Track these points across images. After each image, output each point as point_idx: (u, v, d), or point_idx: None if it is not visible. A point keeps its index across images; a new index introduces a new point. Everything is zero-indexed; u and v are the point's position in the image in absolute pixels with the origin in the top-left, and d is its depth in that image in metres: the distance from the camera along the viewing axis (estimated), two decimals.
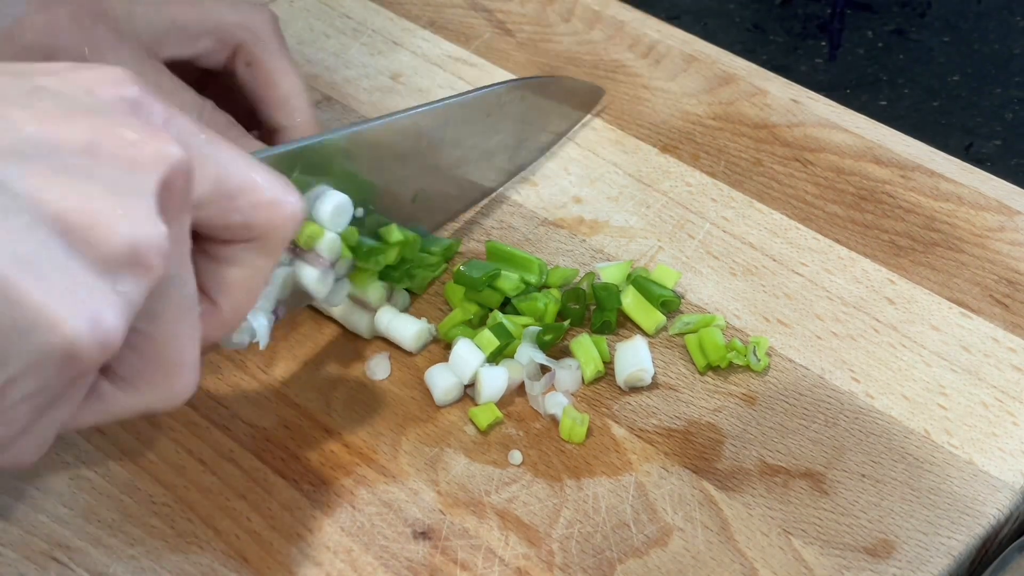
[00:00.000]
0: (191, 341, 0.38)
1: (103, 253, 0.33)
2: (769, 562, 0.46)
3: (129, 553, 0.46)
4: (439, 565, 0.46)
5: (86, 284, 0.33)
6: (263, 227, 0.40)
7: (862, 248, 0.58)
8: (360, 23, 0.71)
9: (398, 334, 0.53)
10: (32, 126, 0.33)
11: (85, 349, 0.33)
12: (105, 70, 0.37)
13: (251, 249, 0.40)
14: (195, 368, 0.39)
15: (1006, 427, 0.51)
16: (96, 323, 0.33)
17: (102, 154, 0.34)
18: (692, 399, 0.52)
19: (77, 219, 0.33)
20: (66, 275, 0.33)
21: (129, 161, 0.34)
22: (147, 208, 0.34)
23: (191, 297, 0.38)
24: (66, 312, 0.32)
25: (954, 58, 0.95)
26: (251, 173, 0.39)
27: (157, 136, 0.35)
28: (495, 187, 0.61)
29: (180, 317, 0.38)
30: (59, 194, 0.33)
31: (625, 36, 0.70)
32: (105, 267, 0.33)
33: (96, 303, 0.33)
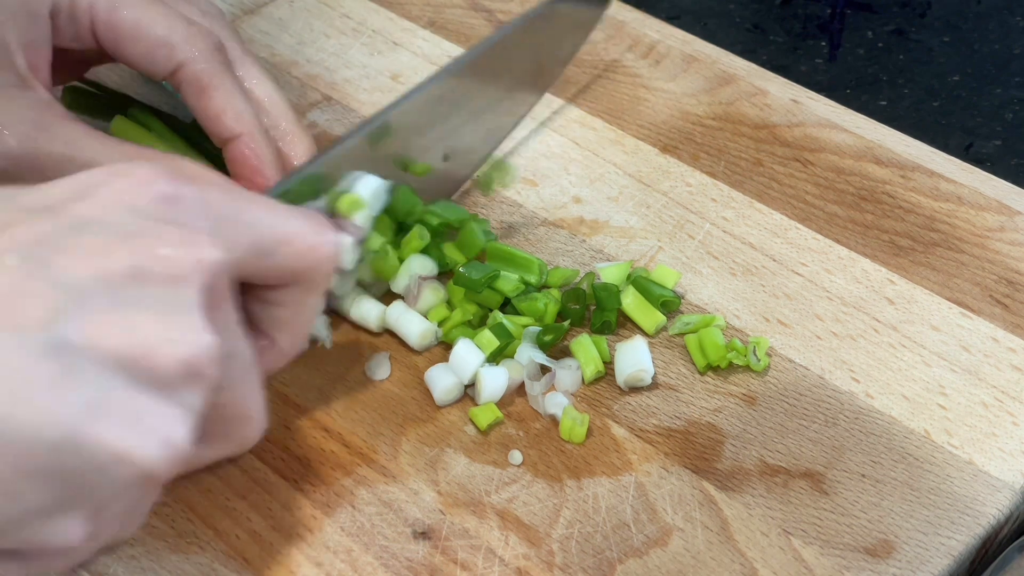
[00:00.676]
0: (255, 395, 0.41)
1: (162, 376, 0.35)
2: (769, 562, 0.46)
3: (129, 553, 0.46)
4: (439, 565, 0.46)
5: (150, 409, 0.35)
6: (305, 272, 0.42)
7: (862, 248, 0.58)
8: (360, 23, 0.71)
9: (405, 330, 0.53)
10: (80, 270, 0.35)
11: (160, 468, 0.36)
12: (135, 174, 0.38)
13: (297, 290, 0.43)
14: (262, 414, 0.42)
15: (1006, 427, 0.51)
16: (165, 442, 0.35)
17: (145, 278, 0.36)
18: (692, 399, 0.52)
19: (133, 352, 0.35)
20: (131, 407, 0.35)
21: (171, 279, 0.36)
22: (195, 321, 0.36)
23: (248, 363, 0.41)
24: (137, 443, 0.35)
25: (954, 58, 0.95)
26: (284, 226, 0.42)
27: (193, 243, 0.37)
28: (526, 112, 0.63)
29: (242, 382, 0.41)
30: (113, 333, 0.35)
31: (625, 36, 0.70)
32: (165, 387, 0.36)
33: (162, 425, 0.35)
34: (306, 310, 0.44)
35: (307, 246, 0.42)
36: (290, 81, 0.67)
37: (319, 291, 0.44)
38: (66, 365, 0.33)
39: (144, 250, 0.36)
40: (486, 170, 0.60)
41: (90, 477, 0.35)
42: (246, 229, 0.40)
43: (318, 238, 0.43)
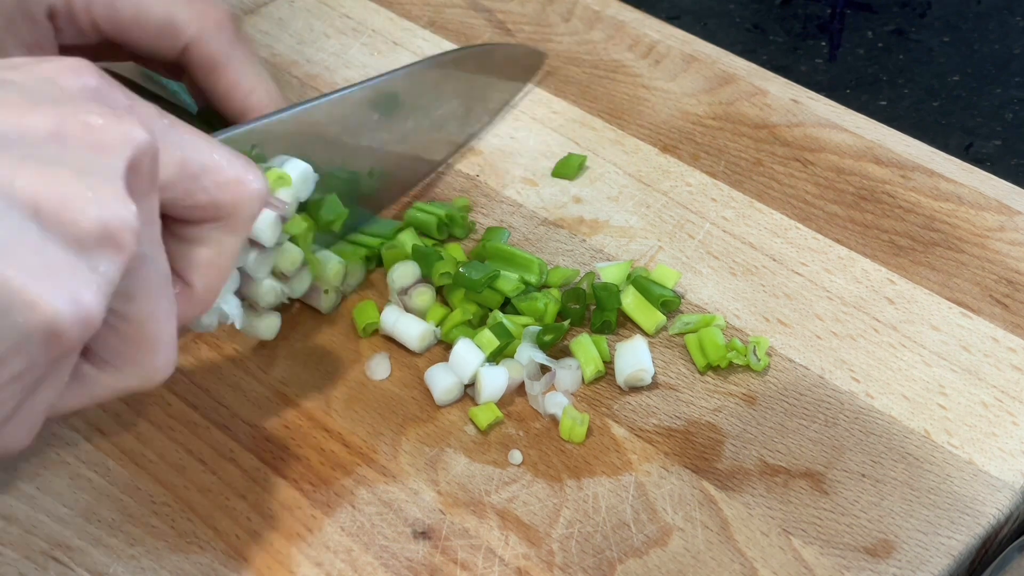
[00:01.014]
0: (168, 319, 0.39)
1: (77, 234, 0.34)
2: (769, 562, 0.46)
3: (129, 553, 0.46)
4: (439, 565, 0.46)
5: (63, 264, 0.34)
6: (228, 205, 0.41)
7: (862, 248, 0.58)
8: (360, 23, 0.71)
9: (404, 333, 0.53)
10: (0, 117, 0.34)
11: (67, 327, 0.34)
12: (66, 61, 0.38)
13: (219, 228, 0.42)
14: (173, 346, 0.40)
15: (1006, 427, 0.51)
16: (76, 301, 0.34)
17: (69, 140, 0.35)
18: (692, 399, 0.52)
19: (49, 202, 0.34)
20: (43, 256, 0.34)
21: (95, 145, 0.35)
22: (116, 189, 0.35)
23: (164, 276, 0.39)
24: (46, 291, 0.34)
25: (954, 58, 0.95)
26: (213, 153, 0.41)
27: (122, 120, 0.36)
28: (446, 158, 0.62)
29: (155, 296, 0.39)
30: (30, 179, 0.34)
31: (625, 36, 0.70)
32: (80, 247, 0.34)
33: (74, 282, 0.34)
34: (226, 253, 0.42)
35: (233, 177, 0.41)
36: (290, 81, 0.67)
37: (240, 233, 0.42)
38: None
39: (71, 115, 0.36)
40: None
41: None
42: (175, 145, 0.39)
43: (246, 173, 0.41)
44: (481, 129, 0.64)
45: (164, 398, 0.51)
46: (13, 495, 0.48)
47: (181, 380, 0.52)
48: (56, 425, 0.50)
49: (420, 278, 0.55)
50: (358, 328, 0.54)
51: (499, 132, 0.64)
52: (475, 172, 0.62)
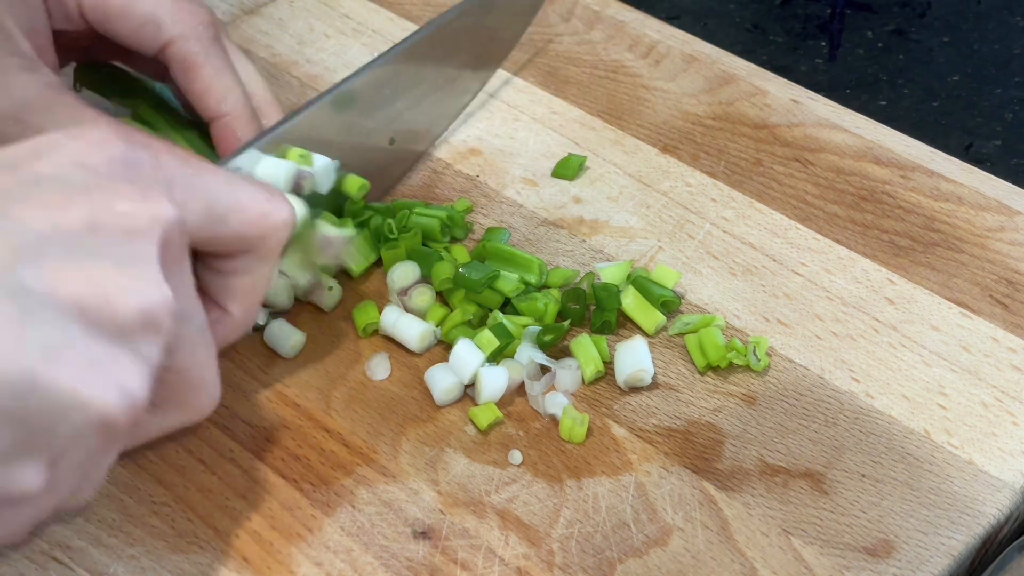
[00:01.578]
0: (209, 362, 0.42)
1: (118, 325, 0.36)
2: (769, 562, 0.46)
3: (129, 553, 0.46)
4: (439, 565, 0.46)
5: (108, 358, 0.36)
6: (256, 239, 0.43)
7: (862, 248, 0.58)
8: (360, 23, 0.71)
9: (404, 333, 0.53)
10: (37, 221, 0.36)
11: (117, 415, 0.36)
12: (90, 135, 0.39)
13: (250, 259, 0.43)
14: (216, 383, 0.42)
15: (1006, 427, 0.51)
16: (123, 390, 0.36)
17: (102, 230, 0.36)
18: (692, 399, 0.52)
19: (90, 300, 0.35)
20: (89, 354, 0.35)
21: (128, 232, 0.37)
22: (151, 273, 0.37)
23: (202, 327, 0.41)
24: (95, 389, 0.35)
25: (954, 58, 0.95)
26: (237, 193, 0.42)
27: (149, 199, 0.38)
28: (468, 102, 0.64)
29: (196, 346, 0.41)
30: (72, 281, 0.35)
31: (625, 36, 0.70)
32: (122, 336, 0.36)
33: (119, 373, 0.36)
34: (259, 279, 0.44)
35: (259, 212, 0.42)
36: (290, 81, 0.67)
37: (271, 260, 0.44)
38: (25, 309, 0.34)
39: (101, 204, 0.37)
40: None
41: (48, 421, 0.35)
42: (200, 193, 0.41)
43: (270, 205, 0.43)
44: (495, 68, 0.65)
45: None
46: None
47: None
48: None
49: (420, 278, 0.55)
50: (358, 328, 0.54)
51: (499, 132, 0.64)
52: (475, 172, 0.62)
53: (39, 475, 0.36)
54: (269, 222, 0.43)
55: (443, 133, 0.64)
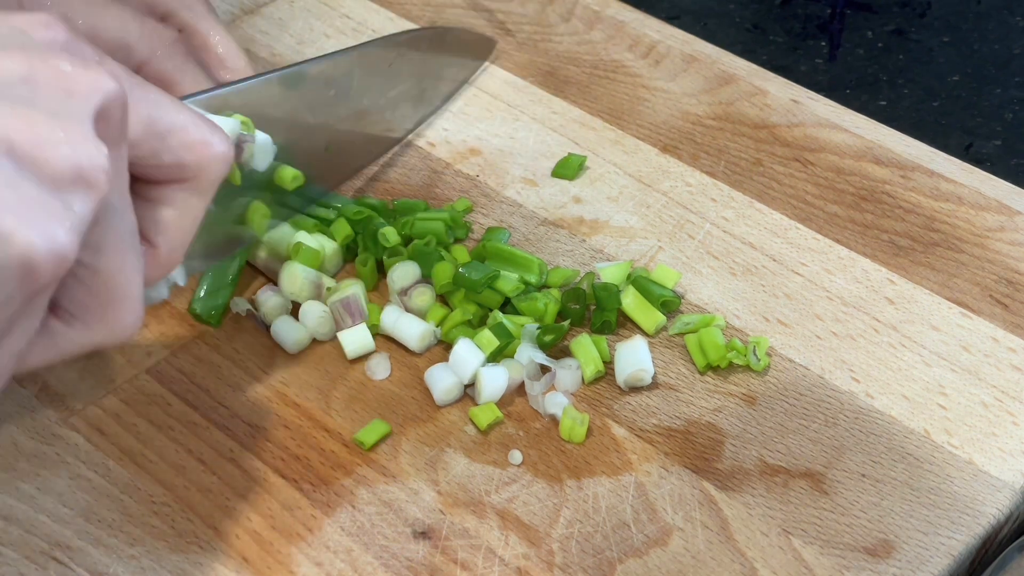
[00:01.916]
0: (135, 275, 0.40)
1: (51, 172, 0.35)
2: (769, 562, 0.46)
3: (129, 553, 0.46)
4: (439, 565, 0.46)
5: (38, 201, 0.35)
6: (194, 166, 0.42)
7: (862, 248, 0.58)
8: (360, 23, 0.71)
9: (404, 333, 0.53)
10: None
11: (41, 261, 0.35)
12: (36, 15, 0.38)
13: (184, 189, 0.42)
14: (139, 303, 0.41)
15: (1006, 427, 0.51)
16: (50, 237, 0.35)
17: (40, 84, 0.36)
18: (692, 399, 0.52)
19: (23, 142, 0.35)
20: (17, 193, 0.35)
21: (66, 90, 0.36)
22: (87, 131, 0.36)
23: (132, 231, 0.40)
24: (21, 226, 0.34)
25: (954, 58, 0.95)
26: (180, 114, 0.42)
27: (91, 69, 0.37)
28: (402, 136, 0.63)
29: (123, 249, 0.40)
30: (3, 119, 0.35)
31: (625, 36, 0.70)
32: (53, 186, 0.35)
33: (49, 219, 0.35)
34: (190, 214, 0.43)
35: (199, 139, 0.42)
36: None
37: (205, 195, 0.43)
38: None
39: (40, 61, 0.36)
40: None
41: None
42: (143, 105, 0.40)
43: (212, 135, 0.43)
44: (435, 111, 0.65)
45: (164, 398, 0.51)
46: (13, 495, 0.48)
47: (181, 380, 0.52)
48: (56, 425, 0.50)
49: (420, 278, 0.55)
50: None
51: (499, 132, 0.64)
52: (475, 172, 0.62)
53: None
54: (209, 151, 0.42)
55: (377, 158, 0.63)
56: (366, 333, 0.53)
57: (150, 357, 0.53)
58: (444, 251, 0.56)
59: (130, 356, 0.53)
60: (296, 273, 0.54)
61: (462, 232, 0.58)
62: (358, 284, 0.54)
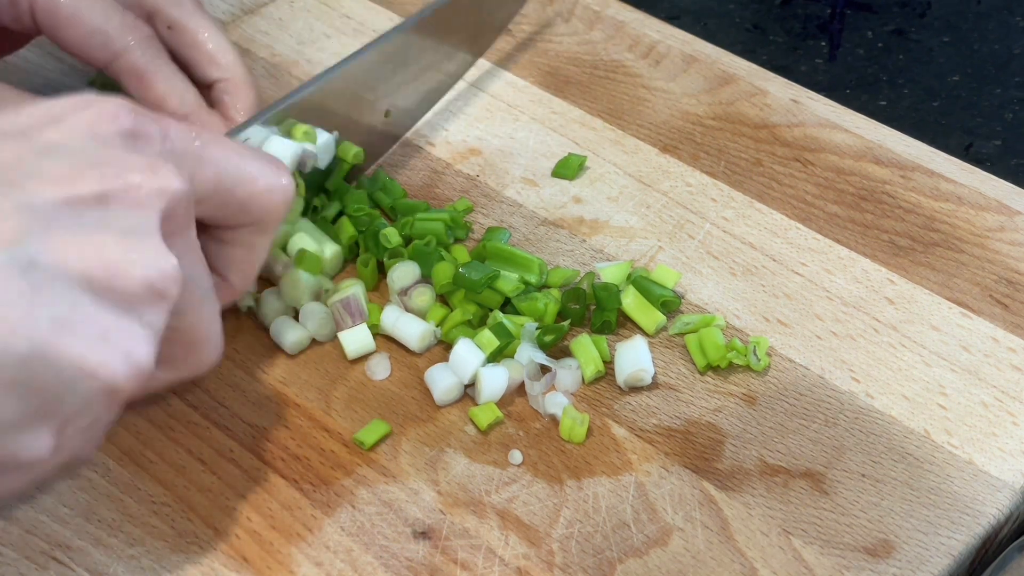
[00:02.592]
0: (213, 321, 0.44)
1: (125, 295, 0.37)
2: (769, 562, 0.46)
3: (129, 553, 0.46)
4: (439, 565, 0.46)
5: (115, 328, 0.37)
6: (260, 212, 0.45)
7: (862, 248, 0.58)
8: (360, 23, 0.71)
9: (404, 333, 0.53)
10: (48, 193, 0.37)
11: (123, 382, 0.37)
12: (101, 106, 0.40)
13: (251, 231, 0.45)
14: (219, 340, 0.45)
15: (1006, 427, 0.51)
16: (129, 359, 0.37)
17: (111, 202, 0.38)
18: (692, 399, 0.52)
19: (98, 272, 0.37)
20: (96, 325, 0.37)
21: (136, 202, 0.38)
22: (156, 244, 0.38)
23: (208, 289, 0.43)
24: (102, 359, 0.37)
25: (954, 58, 0.95)
26: (245, 166, 0.44)
27: (157, 172, 0.39)
28: (460, 75, 0.66)
29: (201, 307, 0.43)
30: (80, 254, 0.36)
31: (625, 36, 0.70)
32: (129, 306, 0.37)
33: (126, 342, 0.37)
34: (258, 251, 0.46)
35: (264, 187, 0.44)
36: (290, 81, 0.67)
37: (270, 234, 0.46)
38: (34, 283, 0.35)
39: (110, 176, 0.38)
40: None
41: (58, 390, 0.36)
42: (210, 165, 0.43)
43: (276, 180, 0.45)
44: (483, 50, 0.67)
45: (164, 398, 0.51)
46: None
47: None
48: None
49: (420, 278, 0.55)
50: None
51: (499, 132, 0.64)
52: (475, 172, 0.62)
53: (47, 441, 0.37)
54: (273, 198, 0.45)
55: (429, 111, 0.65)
56: (367, 333, 0.53)
57: None
58: (444, 251, 0.56)
59: None
60: (298, 280, 0.54)
61: (462, 232, 0.58)
62: (358, 284, 0.54)
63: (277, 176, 0.45)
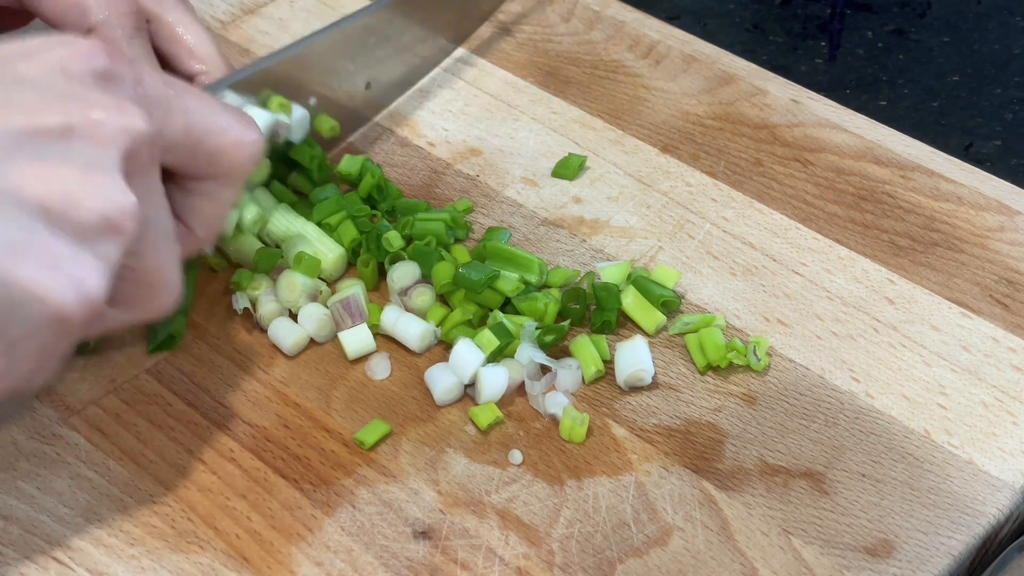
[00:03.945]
0: (172, 266, 0.44)
1: (81, 226, 0.38)
2: (769, 562, 0.46)
3: (129, 553, 0.46)
4: (439, 565, 0.46)
5: (67, 256, 0.38)
6: (227, 165, 0.45)
7: (862, 248, 0.58)
8: None
9: (404, 333, 0.53)
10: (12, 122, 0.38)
11: (72, 312, 0.38)
12: (77, 45, 0.41)
13: (217, 183, 0.46)
14: (177, 285, 0.45)
15: (1006, 427, 0.51)
16: (79, 287, 0.38)
17: (75, 136, 0.39)
18: (692, 399, 0.52)
19: (55, 201, 0.37)
20: (49, 251, 0.37)
21: (98, 139, 0.39)
22: (115, 180, 0.39)
23: (168, 233, 0.44)
24: (52, 284, 0.37)
25: (954, 58, 0.95)
26: (215, 117, 0.45)
27: (123, 111, 0.40)
28: (442, 58, 0.67)
29: (160, 250, 0.43)
30: (38, 182, 0.37)
31: (625, 36, 0.70)
32: (83, 237, 0.38)
33: (78, 271, 0.38)
34: (223, 203, 0.47)
35: (233, 140, 0.45)
36: None
37: (237, 187, 0.47)
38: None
39: (76, 111, 0.39)
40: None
41: (6, 312, 0.37)
42: (180, 114, 0.43)
43: (245, 135, 0.45)
44: (472, 30, 0.68)
45: (164, 398, 0.51)
46: (13, 495, 0.48)
47: (181, 380, 0.52)
48: (56, 425, 0.50)
49: (420, 278, 0.55)
50: None
51: (499, 132, 0.64)
52: (475, 172, 0.62)
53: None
54: (241, 152, 0.45)
55: (410, 89, 0.65)
56: (367, 333, 0.53)
57: (150, 357, 0.53)
58: (444, 251, 0.56)
59: (130, 356, 0.53)
60: (295, 283, 0.54)
61: (462, 232, 0.58)
62: (358, 284, 0.54)
63: (247, 131, 0.46)
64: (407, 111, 0.65)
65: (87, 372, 0.52)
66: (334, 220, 0.57)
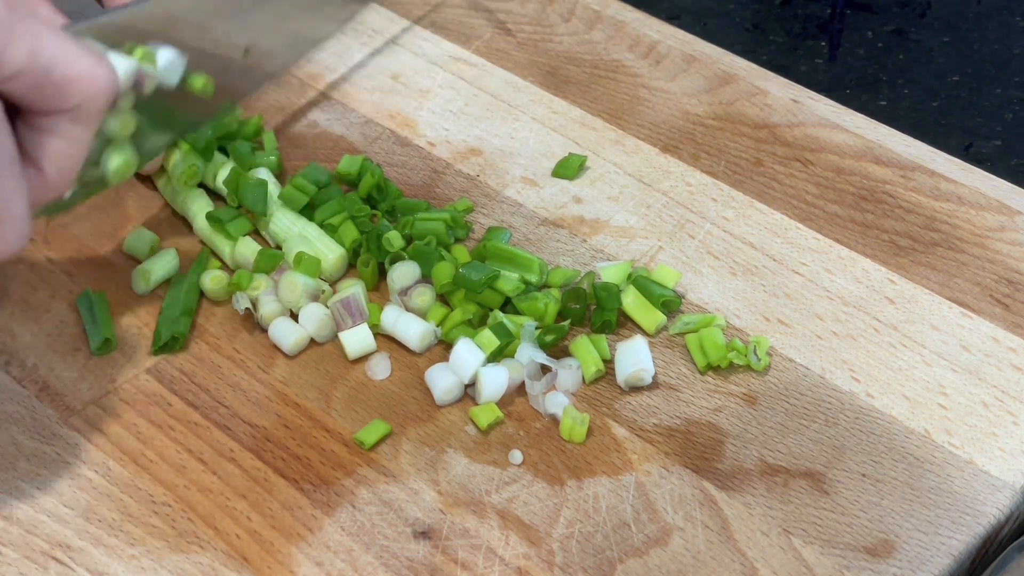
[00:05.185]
0: (17, 195, 0.42)
1: None
2: (769, 562, 0.46)
3: (129, 553, 0.46)
4: (439, 565, 0.46)
5: None
6: (77, 98, 0.43)
7: (862, 248, 0.58)
8: (360, 23, 0.71)
9: (404, 333, 0.53)
10: None
11: None
12: None
13: (68, 119, 0.44)
14: (24, 221, 0.43)
15: (1006, 427, 0.51)
16: None
17: None
18: (692, 399, 0.52)
19: None
20: None
21: None
22: None
23: (10, 158, 0.42)
24: None
25: (954, 58, 0.95)
26: (63, 48, 0.42)
27: None
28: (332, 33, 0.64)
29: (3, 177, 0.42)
30: None
31: (625, 36, 0.70)
32: None
33: None
34: (76, 142, 0.45)
35: (81, 72, 0.43)
36: (290, 81, 0.67)
37: (90, 125, 0.45)
38: None
39: None
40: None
41: None
42: (22, 40, 0.41)
43: (95, 68, 0.43)
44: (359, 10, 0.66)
45: (164, 398, 0.51)
46: (13, 495, 0.48)
47: (181, 380, 0.52)
48: (56, 425, 0.50)
49: (420, 278, 0.55)
50: None
51: (499, 132, 0.64)
52: (475, 172, 0.62)
53: None
54: (92, 84, 0.43)
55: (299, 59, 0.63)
56: (367, 333, 0.53)
57: (150, 357, 0.53)
58: (444, 251, 0.56)
59: (130, 356, 0.53)
60: (296, 283, 0.54)
61: (462, 232, 0.58)
62: (358, 284, 0.54)
63: (98, 63, 0.43)
64: (407, 111, 0.65)
65: (87, 372, 0.52)
66: (336, 221, 0.57)
